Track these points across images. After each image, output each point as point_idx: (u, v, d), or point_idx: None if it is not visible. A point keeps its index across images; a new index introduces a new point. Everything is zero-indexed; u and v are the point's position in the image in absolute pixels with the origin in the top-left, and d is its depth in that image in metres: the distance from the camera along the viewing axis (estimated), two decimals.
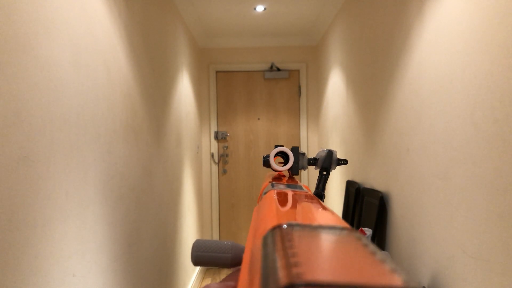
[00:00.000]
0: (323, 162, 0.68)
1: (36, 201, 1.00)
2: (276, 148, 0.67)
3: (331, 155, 0.67)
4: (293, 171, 0.66)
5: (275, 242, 0.19)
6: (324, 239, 0.22)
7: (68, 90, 1.18)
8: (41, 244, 1.01)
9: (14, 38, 0.93)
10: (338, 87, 3.10)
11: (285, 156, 0.66)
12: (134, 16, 1.86)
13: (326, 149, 0.69)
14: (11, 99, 0.90)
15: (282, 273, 0.15)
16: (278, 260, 0.16)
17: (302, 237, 0.21)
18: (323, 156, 0.68)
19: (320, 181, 0.67)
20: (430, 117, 1.47)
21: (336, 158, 0.68)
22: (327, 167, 0.68)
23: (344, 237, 0.21)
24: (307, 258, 0.17)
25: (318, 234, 0.22)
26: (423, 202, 1.54)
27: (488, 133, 1.10)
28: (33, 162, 0.99)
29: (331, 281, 0.14)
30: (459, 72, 1.27)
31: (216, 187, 4.10)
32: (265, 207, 0.32)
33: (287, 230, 0.22)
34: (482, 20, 1.14)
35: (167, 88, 2.51)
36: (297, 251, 0.18)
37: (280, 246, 0.18)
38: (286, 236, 0.20)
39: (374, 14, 2.18)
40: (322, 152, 0.69)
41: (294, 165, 0.65)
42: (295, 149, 0.66)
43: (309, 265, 0.16)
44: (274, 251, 0.18)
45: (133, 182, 1.77)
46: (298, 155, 0.66)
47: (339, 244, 0.21)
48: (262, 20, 3.49)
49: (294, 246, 0.19)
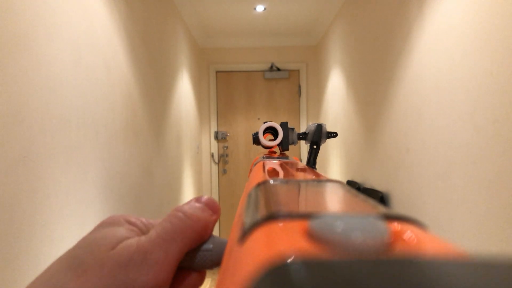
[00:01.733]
0: (313, 135, 0.67)
1: (36, 201, 1.00)
2: (265, 123, 0.66)
3: (321, 128, 0.67)
4: (283, 146, 0.66)
5: (258, 193, 0.19)
6: (309, 188, 0.22)
7: (68, 90, 1.18)
8: (41, 244, 1.01)
9: (14, 38, 0.92)
10: (338, 87, 3.10)
11: (275, 133, 0.65)
12: (134, 16, 1.86)
13: (316, 122, 0.68)
14: (11, 99, 0.90)
15: (260, 211, 0.15)
16: (260, 204, 0.16)
17: (288, 188, 0.21)
18: (313, 129, 0.67)
19: (311, 155, 0.66)
20: (430, 117, 1.47)
21: (326, 131, 0.67)
22: (317, 140, 0.67)
23: (329, 186, 0.22)
24: (289, 200, 0.18)
25: (304, 185, 0.23)
26: (423, 202, 1.54)
27: (488, 133, 1.10)
28: (33, 162, 0.99)
29: (308, 212, 0.14)
30: (459, 72, 1.27)
31: (216, 187, 4.10)
32: (253, 176, 0.32)
33: (269, 184, 0.22)
34: (482, 20, 1.14)
35: (167, 88, 2.51)
36: (280, 197, 0.18)
37: (263, 195, 0.19)
38: (269, 188, 0.20)
39: (374, 14, 2.18)
40: (311, 126, 0.68)
41: (283, 140, 0.65)
42: (284, 124, 0.66)
43: (289, 205, 0.16)
44: (255, 200, 0.18)
45: (133, 182, 1.77)
46: (287, 130, 0.65)
47: (323, 190, 0.22)
48: (262, 20, 3.49)
49: (278, 193, 0.19)
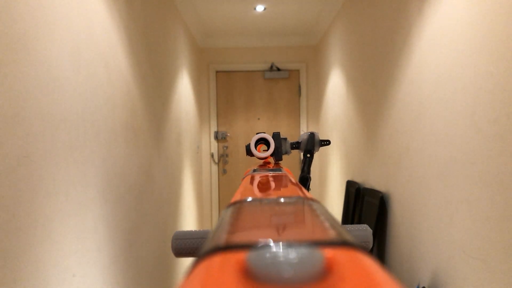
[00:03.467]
0: (306, 144, 0.68)
1: (36, 201, 1.00)
2: (257, 135, 0.66)
3: (313, 137, 0.67)
4: (276, 156, 0.66)
5: (224, 217, 0.20)
6: (275, 208, 0.23)
7: (68, 90, 1.18)
8: (41, 244, 1.01)
9: (14, 38, 0.92)
10: (338, 87, 3.10)
11: (268, 143, 0.66)
12: (134, 16, 1.86)
13: (308, 131, 0.69)
14: (11, 99, 0.90)
15: (214, 240, 0.16)
16: (218, 231, 0.17)
17: (253, 209, 0.22)
18: (306, 138, 0.68)
19: (305, 164, 0.66)
20: (430, 117, 1.47)
21: (319, 140, 0.68)
22: (311, 149, 0.68)
23: (295, 205, 0.23)
24: (245, 225, 0.19)
25: (271, 205, 0.24)
26: (423, 202, 1.54)
27: (488, 133, 1.10)
28: (33, 162, 0.99)
29: (251, 242, 0.14)
30: (459, 72, 1.27)
31: (216, 187, 4.10)
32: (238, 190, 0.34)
33: (239, 205, 0.23)
34: (483, 20, 1.14)
35: (167, 88, 2.51)
36: (239, 221, 0.19)
37: (227, 219, 0.19)
38: (237, 210, 0.21)
39: (374, 14, 2.18)
40: (304, 135, 0.69)
41: (276, 150, 0.65)
42: (276, 135, 0.66)
43: (241, 232, 0.17)
44: (219, 224, 0.19)
45: (133, 182, 1.77)
46: (279, 140, 0.65)
47: (287, 211, 0.22)
48: (262, 20, 3.49)
49: (240, 218, 0.20)
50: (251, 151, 0.65)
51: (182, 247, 0.36)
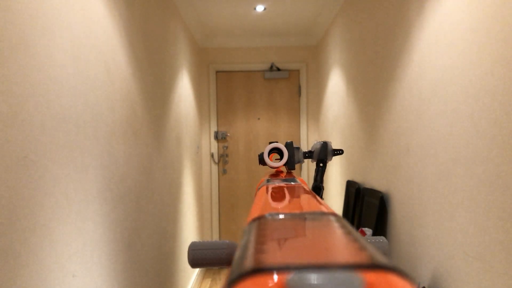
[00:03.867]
0: (319, 154, 0.68)
1: (36, 201, 1.00)
2: (270, 144, 0.66)
3: (326, 147, 0.67)
4: (289, 166, 0.66)
5: (250, 233, 0.20)
6: (300, 224, 0.23)
7: (68, 90, 1.18)
8: (41, 244, 1.01)
9: (14, 38, 0.92)
10: (338, 87, 3.10)
11: (281, 152, 0.66)
12: (134, 16, 1.86)
13: (321, 140, 0.69)
14: (11, 99, 0.90)
15: (247, 260, 0.15)
16: (248, 249, 0.17)
17: (279, 225, 0.22)
18: (318, 148, 0.68)
19: (318, 173, 0.66)
20: (430, 117, 1.47)
21: (332, 149, 0.68)
22: (323, 158, 0.67)
23: (322, 222, 0.22)
24: (275, 245, 0.18)
25: (295, 220, 0.23)
26: (424, 202, 1.54)
27: (488, 133, 1.10)
28: (33, 162, 0.99)
29: (289, 264, 0.14)
30: (459, 72, 1.27)
31: (216, 187, 4.10)
32: (256, 201, 0.33)
33: (264, 220, 0.22)
34: (483, 20, 1.14)
35: (167, 88, 2.51)
36: (268, 239, 0.19)
37: (254, 237, 0.19)
38: (262, 226, 0.21)
39: (374, 14, 2.18)
40: (317, 144, 0.68)
41: (289, 160, 0.65)
42: (289, 144, 0.66)
43: (273, 251, 0.17)
44: (247, 241, 0.18)
45: (133, 182, 1.77)
46: (292, 150, 0.65)
47: (314, 228, 0.22)
48: (262, 20, 3.49)
49: (267, 234, 0.19)
50: (265, 160, 0.65)
51: (200, 257, 0.36)
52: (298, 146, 0.69)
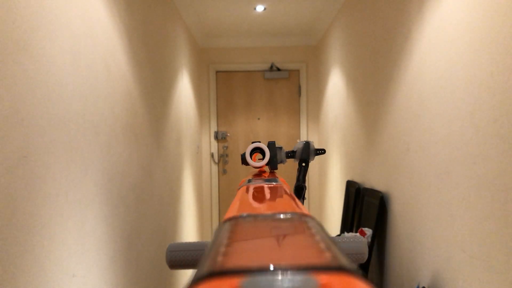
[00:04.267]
0: (301, 154, 0.68)
1: (36, 201, 1.00)
2: (252, 144, 0.66)
3: (308, 146, 0.67)
4: (271, 165, 0.66)
5: (219, 234, 0.20)
6: (271, 226, 0.23)
7: (68, 90, 1.18)
8: (41, 244, 1.01)
9: (14, 38, 0.92)
10: (338, 87, 3.10)
11: (263, 152, 0.66)
12: (134, 16, 1.86)
13: (303, 140, 0.69)
14: (11, 99, 0.90)
15: (208, 262, 0.16)
16: (212, 250, 0.17)
17: (249, 227, 0.22)
18: (301, 148, 0.68)
19: (300, 173, 0.67)
20: (430, 117, 1.47)
21: (314, 149, 0.68)
22: (306, 158, 0.68)
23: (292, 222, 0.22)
24: (240, 247, 0.19)
25: (267, 222, 0.23)
26: (423, 202, 1.54)
27: (488, 133, 1.10)
28: (33, 162, 0.99)
29: (245, 267, 0.14)
30: (459, 72, 1.27)
31: (216, 187, 4.10)
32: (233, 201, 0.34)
33: (235, 221, 0.23)
34: (482, 20, 1.14)
35: (167, 88, 2.51)
36: (234, 240, 0.19)
37: (221, 238, 0.19)
38: (232, 227, 0.21)
39: (374, 14, 2.18)
40: (299, 144, 0.69)
41: (271, 160, 0.65)
42: (271, 144, 0.66)
43: (235, 254, 0.17)
44: (214, 243, 0.19)
45: (133, 182, 1.77)
46: (275, 150, 0.65)
47: (284, 229, 0.22)
48: (262, 20, 3.49)
49: (234, 236, 0.20)
50: (246, 160, 0.65)
51: (177, 259, 0.35)
52: (281, 146, 0.69)
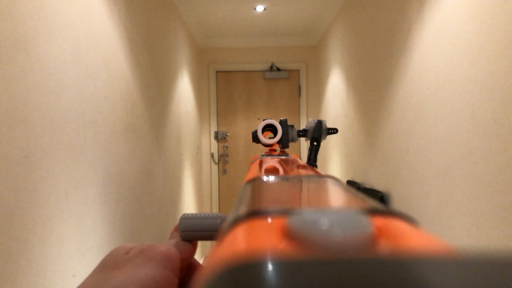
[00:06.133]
0: (313, 132, 0.66)
1: (36, 201, 1.00)
2: (264, 121, 0.65)
3: (321, 125, 0.66)
4: (283, 144, 0.65)
5: (245, 191, 0.19)
6: (299, 184, 0.22)
7: (68, 90, 1.18)
8: (41, 244, 1.01)
9: (14, 38, 0.92)
10: (338, 87, 3.10)
11: (274, 130, 0.65)
12: (134, 16, 1.86)
13: (316, 119, 0.67)
14: (11, 99, 0.90)
15: (244, 207, 0.14)
16: (244, 201, 0.16)
17: (276, 185, 0.21)
18: (313, 126, 0.66)
19: (311, 152, 0.65)
20: (430, 117, 1.47)
21: (326, 127, 0.66)
22: (318, 137, 0.66)
23: (321, 182, 0.21)
24: (273, 197, 0.18)
25: (295, 181, 0.23)
26: (423, 202, 1.54)
27: (488, 133, 1.10)
28: (33, 162, 0.99)
29: (290, 208, 0.13)
30: (459, 72, 1.27)
31: (216, 187, 4.10)
32: (248, 173, 0.32)
33: (259, 181, 0.21)
34: (482, 20, 1.14)
35: (167, 88, 2.51)
36: (265, 194, 0.18)
37: (251, 191, 0.18)
38: (258, 186, 0.20)
39: (374, 14, 2.18)
40: (311, 122, 0.67)
41: (283, 137, 0.64)
42: (283, 122, 0.65)
43: (271, 202, 0.16)
44: (242, 197, 0.18)
45: (133, 182, 1.77)
46: (287, 127, 0.64)
47: (314, 186, 0.21)
48: (262, 20, 3.49)
49: (264, 191, 0.19)
50: (258, 137, 0.64)
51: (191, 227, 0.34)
52: (293, 124, 0.68)
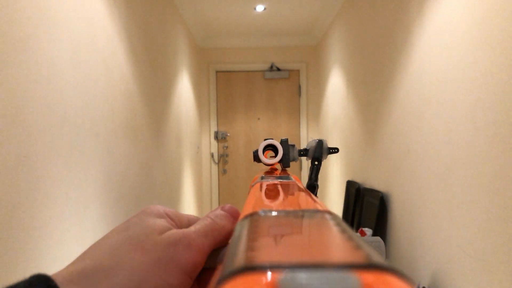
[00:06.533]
0: (314, 152, 0.67)
1: (36, 201, 1.00)
2: (265, 141, 0.66)
3: (322, 144, 0.66)
4: (283, 163, 0.65)
5: (242, 230, 0.19)
6: (294, 222, 0.22)
7: (68, 90, 1.18)
8: (41, 244, 1.01)
9: (14, 37, 0.92)
10: (338, 87, 3.10)
11: (276, 149, 0.65)
12: (134, 16, 1.86)
13: (316, 138, 0.68)
14: (11, 99, 0.90)
15: (238, 257, 0.15)
16: (239, 246, 0.16)
17: (272, 222, 0.21)
18: (314, 146, 0.67)
19: (312, 171, 0.65)
20: (430, 118, 1.47)
21: (327, 147, 0.67)
22: (319, 156, 0.66)
23: (315, 219, 0.22)
24: (268, 242, 0.18)
25: (289, 218, 0.23)
26: (423, 202, 1.54)
27: (488, 133, 1.10)
28: (33, 162, 0.99)
29: (281, 263, 0.13)
30: (459, 72, 1.27)
31: (216, 187, 4.10)
32: (249, 198, 0.32)
33: (256, 217, 0.22)
34: (482, 20, 1.14)
35: (167, 88, 2.51)
36: (260, 236, 0.18)
37: (245, 233, 0.18)
38: (254, 223, 0.20)
39: (374, 14, 2.18)
40: (312, 142, 0.67)
41: (284, 157, 0.64)
42: (284, 141, 0.65)
43: (265, 249, 0.16)
44: (238, 238, 0.18)
45: (133, 182, 1.77)
46: (287, 147, 0.64)
47: (308, 225, 0.21)
48: (262, 20, 3.49)
49: (259, 231, 0.19)
50: (259, 157, 0.64)
51: None
52: (294, 144, 0.68)
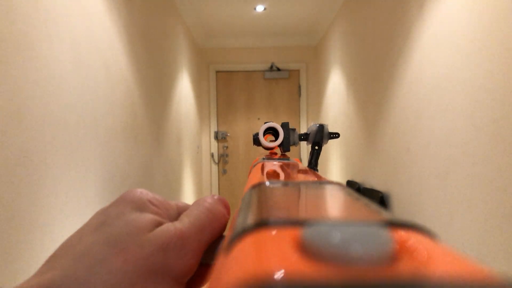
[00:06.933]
0: (315, 136, 0.66)
1: (36, 201, 1.00)
2: (265, 124, 0.65)
3: (323, 129, 0.65)
4: (284, 147, 0.64)
5: (250, 197, 0.18)
6: (307, 191, 0.21)
7: (68, 90, 1.18)
8: (41, 243, 1.01)
9: (15, 37, 0.92)
10: (338, 87, 3.10)
11: (276, 133, 0.64)
12: (134, 16, 1.86)
13: (317, 123, 0.67)
14: (11, 99, 0.90)
15: (252, 217, 0.13)
16: (252, 208, 0.15)
17: (282, 190, 0.20)
18: (314, 130, 0.66)
19: (312, 156, 0.64)
20: (430, 117, 1.47)
21: (328, 132, 0.66)
22: (319, 141, 0.65)
23: (329, 188, 0.20)
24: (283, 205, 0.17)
25: (302, 187, 0.21)
26: (423, 202, 1.54)
27: (488, 133, 1.10)
28: (33, 162, 0.99)
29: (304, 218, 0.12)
30: (459, 72, 1.27)
31: (216, 187, 4.10)
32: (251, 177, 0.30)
33: (264, 186, 0.20)
34: (483, 20, 1.14)
35: (167, 88, 2.51)
36: (272, 201, 0.17)
37: (257, 198, 0.17)
38: (263, 191, 0.19)
39: (374, 14, 2.18)
40: (313, 127, 0.66)
41: (284, 140, 0.63)
42: (285, 125, 0.65)
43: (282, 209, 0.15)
44: (249, 203, 0.16)
45: (133, 182, 1.77)
46: (288, 131, 0.64)
47: (322, 193, 0.20)
48: (262, 20, 3.49)
49: (270, 198, 0.18)
50: (259, 140, 0.63)
51: None
52: (295, 128, 0.67)
